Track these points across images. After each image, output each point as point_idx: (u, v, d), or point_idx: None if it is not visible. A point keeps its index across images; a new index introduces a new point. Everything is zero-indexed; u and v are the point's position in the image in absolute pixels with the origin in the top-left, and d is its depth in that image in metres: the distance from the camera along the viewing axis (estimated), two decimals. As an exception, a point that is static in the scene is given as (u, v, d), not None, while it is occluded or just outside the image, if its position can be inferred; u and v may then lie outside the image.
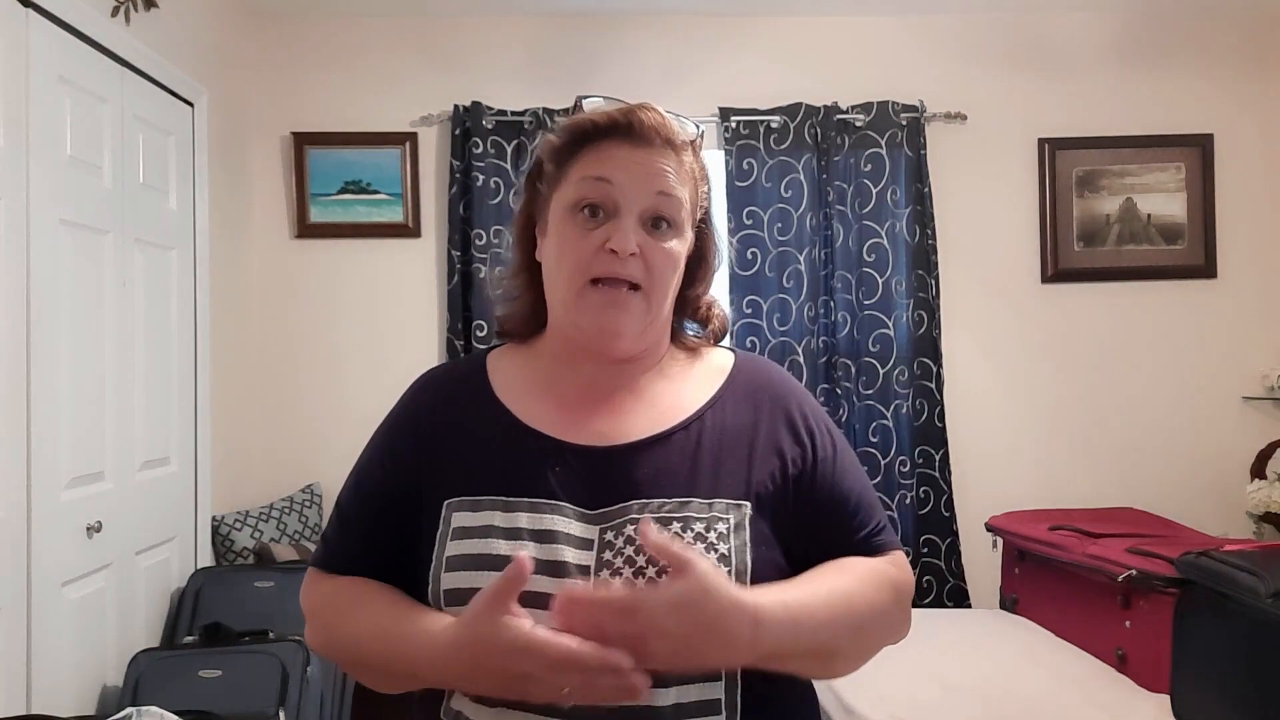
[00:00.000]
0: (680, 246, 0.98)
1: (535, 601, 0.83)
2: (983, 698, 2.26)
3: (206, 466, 3.04)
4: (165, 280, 2.84)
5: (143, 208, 2.70)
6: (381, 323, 3.57)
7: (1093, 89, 3.67)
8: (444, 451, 0.97)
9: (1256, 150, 3.68)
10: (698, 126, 1.02)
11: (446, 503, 0.93)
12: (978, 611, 3.26)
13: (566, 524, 0.90)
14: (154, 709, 2.05)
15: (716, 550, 0.87)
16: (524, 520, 0.90)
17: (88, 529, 2.37)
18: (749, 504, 0.92)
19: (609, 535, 0.89)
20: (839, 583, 0.91)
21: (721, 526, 0.89)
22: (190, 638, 2.62)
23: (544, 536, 0.89)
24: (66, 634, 2.29)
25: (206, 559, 3.04)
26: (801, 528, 0.95)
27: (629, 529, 0.88)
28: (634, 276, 0.94)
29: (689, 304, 1.06)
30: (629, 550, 0.87)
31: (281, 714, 2.32)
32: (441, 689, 0.93)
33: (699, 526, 0.89)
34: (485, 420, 0.98)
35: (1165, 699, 2.19)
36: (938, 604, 3.38)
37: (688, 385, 1.02)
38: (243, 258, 3.45)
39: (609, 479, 0.92)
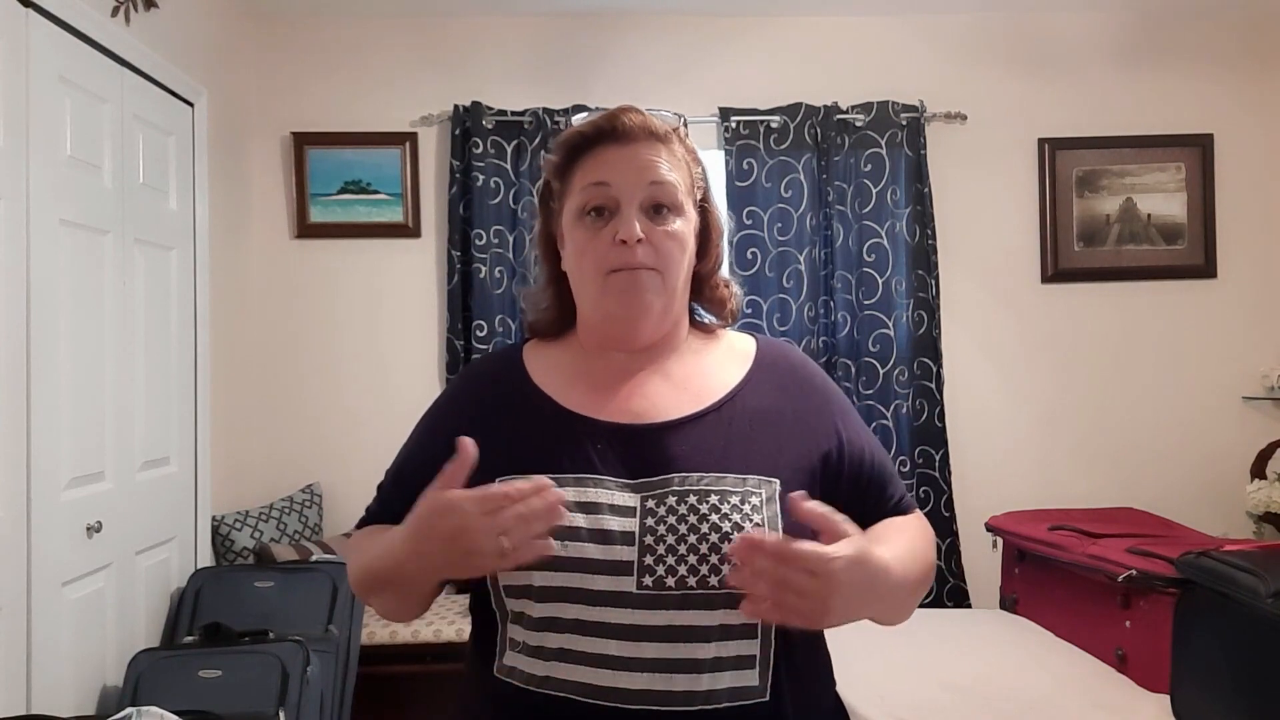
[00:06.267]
0: (684, 226, 1.05)
1: (584, 567, 0.93)
2: (983, 698, 2.26)
3: (206, 466, 3.04)
4: (165, 280, 2.84)
5: (143, 208, 2.70)
6: (381, 323, 3.57)
7: (1093, 89, 3.68)
8: (490, 435, 1.02)
9: (1256, 150, 3.68)
10: (678, 115, 1.10)
11: (498, 479, 0.97)
12: (978, 611, 3.26)
13: (609, 495, 0.97)
14: (154, 709, 2.05)
15: (752, 520, 0.95)
16: (570, 494, 0.95)
17: (88, 529, 2.37)
18: (778, 481, 0.98)
19: (650, 503, 0.96)
20: (911, 541, 1.02)
21: (754, 499, 0.96)
22: (190, 638, 2.62)
23: (590, 508, 0.96)
24: (66, 634, 2.29)
25: (206, 559, 3.04)
26: (834, 502, 1.01)
27: (670, 499, 0.96)
28: (645, 261, 1.01)
29: (704, 283, 1.12)
30: (671, 519, 0.95)
31: (281, 714, 2.32)
32: (492, 651, 0.99)
33: (734, 499, 0.96)
34: (528, 406, 1.06)
35: (1165, 699, 2.19)
36: (938, 604, 3.38)
37: (713, 367, 1.09)
38: (243, 258, 3.45)
39: (647, 455, 0.99)
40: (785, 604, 0.83)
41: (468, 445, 0.88)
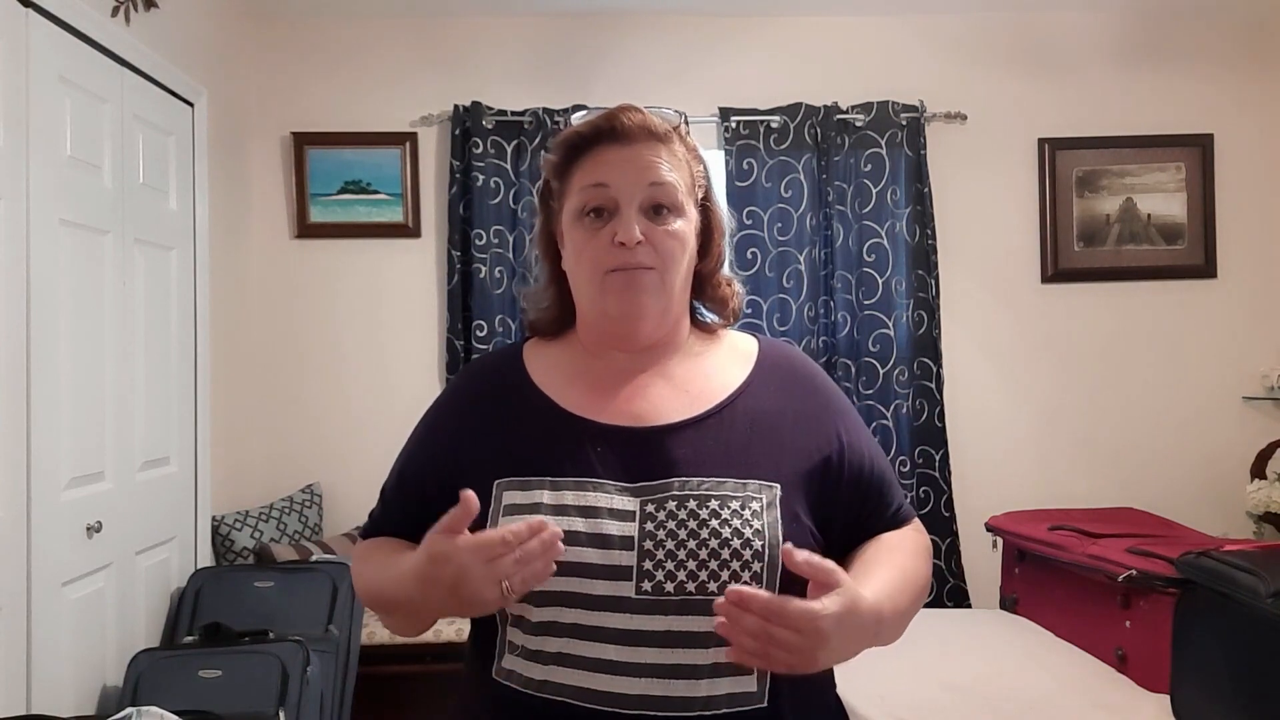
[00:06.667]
0: (685, 225, 1.04)
1: (583, 571, 0.93)
2: (983, 698, 2.26)
3: (206, 466, 3.04)
4: (165, 280, 2.84)
5: (143, 208, 2.70)
6: (381, 323, 3.57)
7: (1093, 89, 3.68)
8: (489, 436, 1.04)
9: (1256, 150, 3.68)
10: (678, 113, 1.10)
11: (497, 482, 0.99)
12: (978, 611, 3.26)
13: (609, 499, 0.96)
14: (154, 709, 2.05)
15: (751, 526, 0.94)
16: (569, 497, 0.96)
17: (88, 529, 2.37)
18: (779, 486, 0.98)
19: (650, 507, 0.95)
20: (906, 564, 1.01)
21: (755, 505, 0.96)
22: (190, 638, 2.62)
23: (589, 512, 0.95)
24: (66, 634, 2.29)
25: (206, 559, 3.04)
26: (834, 506, 1.02)
27: (670, 504, 0.95)
28: (645, 262, 1.01)
29: (706, 282, 1.11)
30: (671, 524, 0.94)
31: (281, 714, 2.32)
32: (491, 653, 0.99)
33: (734, 504, 0.95)
34: (527, 407, 1.05)
35: (1165, 699, 2.19)
36: (938, 604, 3.38)
37: (714, 368, 1.08)
38: (243, 258, 3.45)
39: (648, 458, 0.99)
40: (770, 657, 0.83)
41: (470, 497, 0.86)
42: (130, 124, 2.63)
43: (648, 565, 0.93)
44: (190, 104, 3.00)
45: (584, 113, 1.09)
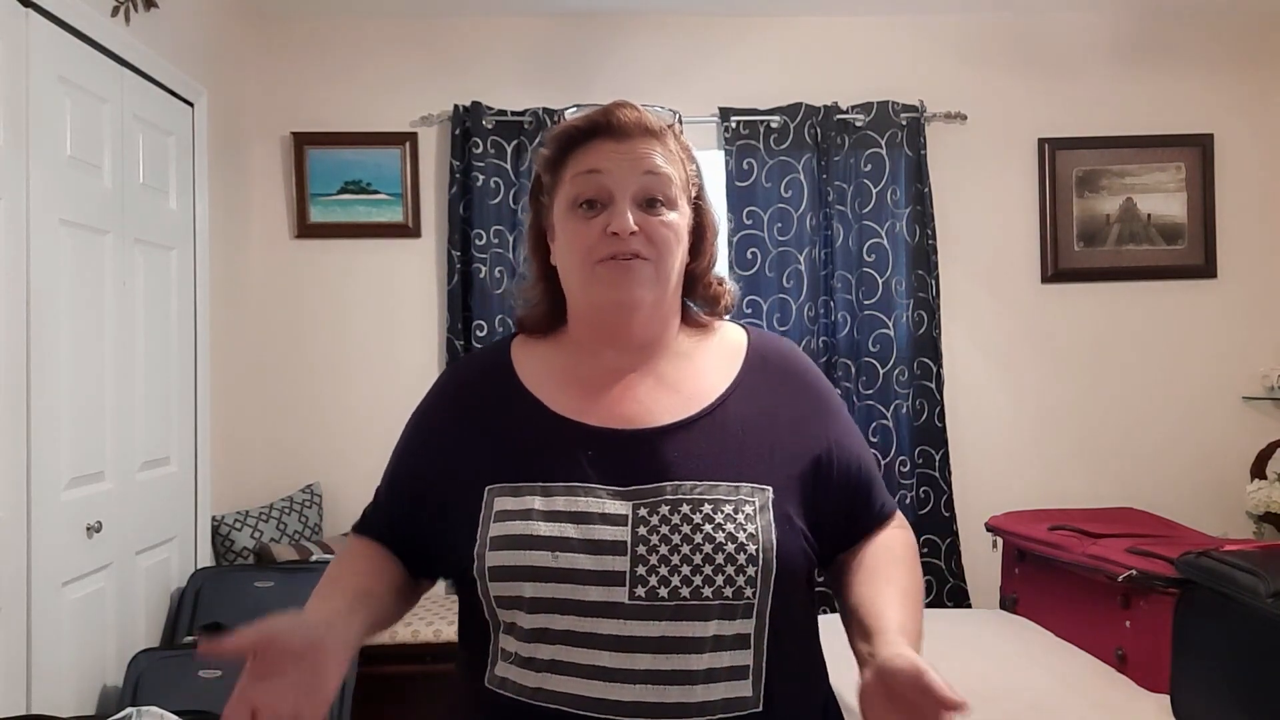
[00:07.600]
0: (679, 219, 1.03)
1: (576, 578, 0.92)
2: (983, 698, 2.23)
3: (206, 466, 3.04)
4: (165, 280, 2.84)
5: (143, 208, 2.70)
6: (381, 323, 3.57)
7: (1093, 89, 3.67)
8: (479, 441, 1.03)
9: (1256, 150, 3.68)
10: (672, 112, 1.08)
11: (488, 488, 0.98)
12: (978, 611, 3.26)
13: (601, 504, 0.95)
14: (154, 709, 2.05)
15: (745, 529, 0.94)
16: (561, 503, 0.95)
17: (88, 529, 2.37)
18: (771, 488, 0.97)
19: (642, 511, 0.95)
20: (910, 583, 1.03)
21: (748, 508, 0.95)
22: (190, 638, 2.62)
23: (581, 517, 0.95)
24: (66, 634, 2.29)
25: (206, 559, 3.04)
26: (824, 506, 1.02)
27: (663, 508, 0.94)
28: (639, 252, 0.99)
29: (697, 280, 1.11)
30: (664, 529, 0.93)
31: (281, 714, 2.32)
32: (483, 661, 0.99)
33: (728, 508, 0.95)
34: (517, 410, 1.04)
35: (1165, 699, 2.19)
36: (938, 604, 3.39)
37: (705, 366, 1.07)
38: (243, 258, 3.45)
39: (639, 461, 0.98)
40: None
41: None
42: (130, 124, 2.63)
43: (641, 570, 0.92)
44: (190, 104, 3.00)
45: (575, 108, 1.08)
